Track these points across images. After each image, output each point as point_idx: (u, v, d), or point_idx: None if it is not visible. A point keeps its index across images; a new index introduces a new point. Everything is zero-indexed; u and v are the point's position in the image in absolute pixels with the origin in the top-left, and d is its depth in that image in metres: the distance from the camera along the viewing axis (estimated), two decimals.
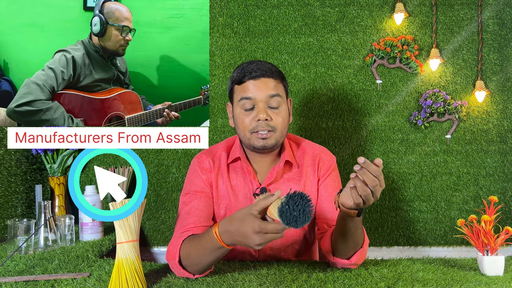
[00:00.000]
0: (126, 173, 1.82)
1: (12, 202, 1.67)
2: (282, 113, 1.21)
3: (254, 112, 1.19)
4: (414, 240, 1.92)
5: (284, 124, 1.21)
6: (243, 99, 1.20)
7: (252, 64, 1.21)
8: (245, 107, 1.20)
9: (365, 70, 1.92)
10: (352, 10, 1.92)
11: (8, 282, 1.05)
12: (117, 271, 0.97)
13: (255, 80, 1.19)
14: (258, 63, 1.22)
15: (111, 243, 1.50)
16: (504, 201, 1.92)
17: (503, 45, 1.92)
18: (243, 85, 1.20)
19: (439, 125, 1.92)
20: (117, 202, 0.97)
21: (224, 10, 1.91)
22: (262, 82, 1.19)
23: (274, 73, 1.21)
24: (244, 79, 1.20)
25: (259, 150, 1.23)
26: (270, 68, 1.21)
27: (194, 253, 1.05)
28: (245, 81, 1.20)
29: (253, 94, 1.18)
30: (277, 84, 1.21)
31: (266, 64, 1.22)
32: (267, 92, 1.18)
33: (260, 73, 1.19)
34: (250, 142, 1.22)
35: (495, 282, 1.03)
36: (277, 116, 1.20)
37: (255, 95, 1.18)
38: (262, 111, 1.18)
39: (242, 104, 1.20)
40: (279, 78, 1.22)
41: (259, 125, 1.18)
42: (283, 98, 1.22)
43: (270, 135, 1.19)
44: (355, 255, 1.10)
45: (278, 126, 1.20)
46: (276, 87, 1.20)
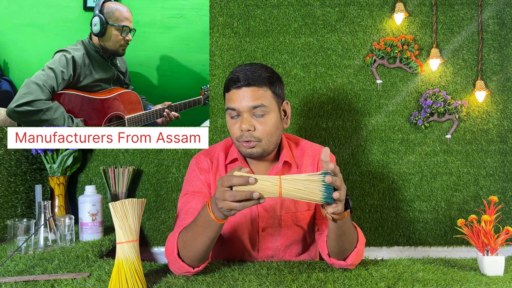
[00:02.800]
0: (126, 173, 1.82)
1: (12, 202, 1.67)
2: (267, 122, 1.18)
3: (239, 120, 1.19)
4: (414, 240, 1.92)
5: (270, 133, 1.19)
6: (229, 109, 1.20)
7: (241, 72, 1.18)
8: (231, 115, 1.20)
9: (365, 70, 1.92)
10: (352, 10, 1.92)
11: (8, 282, 1.05)
12: (117, 271, 0.97)
13: (238, 89, 1.17)
14: (247, 69, 1.19)
15: (111, 243, 1.50)
16: (504, 201, 1.92)
17: (503, 45, 1.92)
18: (229, 93, 1.20)
19: (439, 125, 1.92)
20: (117, 202, 0.97)
21: (224, 10, 1.91)
22: (245, 92, 1.16)
23: (261, 80, 1.17)
24: (230, 88, 1.19)
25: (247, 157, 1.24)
26: (258, 75, 1.17)
27: (189, 236, 1.05)
28: (230, 89, 1.19)
29: (236, 105, 1.17)
30: (263, 93, 1.17)
31: (255, 71, 1.18)
32: (250, 103, 1.16)
33: (243, 83, 1.16)
34: (238, 149, 1.23)
35: (495, 282, 1.03)
36: (262, 125, 1.17)
37: (238, 106, 1.17)
38: (245, 122, 1.17)
39: (229, 113, 1.21)
40: (266, 85, 1.18)
41: (243, 135, 1.18)
42: (269, 107, 1.18)
43: (255, 145, 1.19)
44: (350, 256, 1.11)
45: (263, 136, 1.18)
46: (261, 96, 1.17)
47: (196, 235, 1.04)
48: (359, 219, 1.91)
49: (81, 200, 1.52)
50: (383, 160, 1.92)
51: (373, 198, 1.92)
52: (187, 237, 1.06)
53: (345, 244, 1.09)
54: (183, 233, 1.09)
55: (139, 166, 1.91)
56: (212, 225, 1.01)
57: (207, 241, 1.04)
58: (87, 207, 1.51)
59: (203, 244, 1.04)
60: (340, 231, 1.05)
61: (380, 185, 1.92)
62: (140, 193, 1.91)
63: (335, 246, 1.09)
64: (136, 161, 1.91)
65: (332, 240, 1.09)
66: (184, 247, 1.07)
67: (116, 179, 1.82)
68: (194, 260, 1.07)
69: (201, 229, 1.03)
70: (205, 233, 1.03)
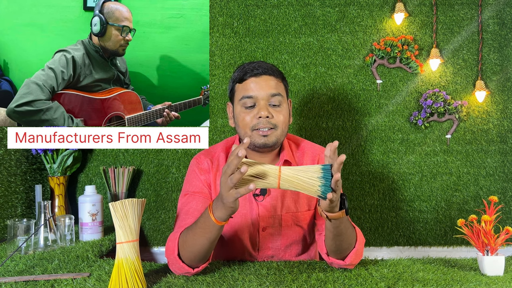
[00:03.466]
0: (126, 173, 1.82)
1: (12, 202, 1.67)
2: (283, 111, 1.21)
3: (255, 109, 1.19)
4: (414, 240, 1.92)
5: (285, 123, 1.22)
6: (245, 97, 1.20)
7: (253, 63, 1.23)
8: (246, 105, 1.20)
9: (365, 70, 1.92)
10: (352, 10, 1.92)
11: (8, 282, 1.05)
12: (117, 271, 0.97)
13: (257, 77, 1.20)
14: (259, 62, 1.24)
15: (111, 243, 1.50)
16: (504, 201, 1.92)
17: (503, 45, 1.92)
18: (244, 83, 1.21)
19: (439, 125, 1.92)
20: (117, 202, 0.97)
21: (224, 10, 1.91)
22: (263, 79, 1.20)
23: (275, 72, 1.23)
24: (246, 77, 1.20)
25: (259, 148, 1.23)
26: (271, 67, 1.23)
27: (189, 237, 1.06)
28: (246, 78, 1.20)
29: (254, 92, 1.19)
30: (278, 83, 1.22)
31: (267, 64, 1.23)
32: (269, 91, 1.19)
33: (262, 70, 1.20)
34: (252, 139, 1.22)
35: (495, 282, 1.03)
36: (279, 114, 1.20)
37: (257, 93, 1.19)
38: (263, 109, 1.18)
39: (243, 103, 1.20)
40: (280, 78, 1.24)
41: (260, 122, 1.19)
42: (284, 98, 1.22)
43: (271, 133, 1.20)
44: (349, 256, 1.11)
45: (279, 123, 1.20)
46: (277, 86, 1.21)
47: (196, 236, 1.04)
48: (359, 219, 1.91)
49: (81, 200, 1.52)
50: (383, 160, 1.92)
51: (373, 198, 1.92)
52: (187, 238, 1.06)
53: (343, 244, 1.09)
54: (184, 233, 1.09)
55: (139, 166, 1.91)
56: (211, 226, 1.01)
57: (206, 243, 1.04)
58: (87, 207, 1.51)
59: (202, 246, 1.04)
60: (337, 231, 1.05)
61: (380, 185, 1.92)
62: (140, 193, 1.91)
63: (333, 245, 1.09)
64: (136, 161, 1.91)
65: (329, 239, 1.09)
66: (184, 248, 1.07)
67: (116, 179, 1.82)
68: (193, 261, 1.07)
69: (200, 231, 1.03)
70: (204, 235, 1.03)
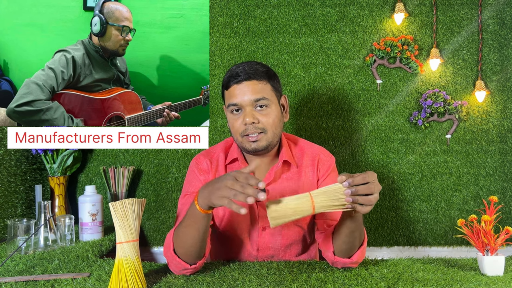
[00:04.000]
0: (126, 173, 1.82)
1: (12, 202, 1.67)
2: (271, 114, 1.20)
3: (241, 116, 1.20)
4: (414, 240, 1.92)
5: (274, 124, 1.20)
6: (230, 105, 1.21)
7: (238, 68, 1.21)
8: (233, 111, 1.21)
9: (365, 70, 1.92)
10: (352, 10, 1.92)
11: (8, 282, 1.05)
12: (117, 271, 0.97)
13: (239, 84, 1.19)
14: (245, 65, 1.21)
15: (111, 243, 1.50)
16: (504, 201, 1.92)
17: (503, 45, 1.92)
18: (229, 90, 1.21)
19: (439, 125, 1.92)
20: (117, 202, 0.97)
21: (224, 10, 1.91)
22: (245, 85, 1.18)
23: (259, 74, 1.20)
24: (230, 84, 1.21)
25: (252, 153, 1.23)
26: (256, 69, 1.20)
27: (181, 229, 1.07)
28: (230, 86, 1.20)
29: (238, 99, 1.19)
30: (264, 86, 1.20)
31: (252, 66, 1.20)
32: (252, 96, 1.18)
33: (243, 77, 1.18)
34: (242, 145, 1.23)
35: (495, 282, 1.03)
36: (266, 117, 1.19)
37: (240, 100, 1.18)
38: (248, 115, 1.18)
39: (231, 110, 1.22)
40: (265, 79, 1.20)
41: (248, 129, 1.19)
42: (270, 99, 1.20)
43: (260, 137, 1.19)
44: (356, 254, 1.11)
45: (268, 126, 1.19)
46: (262, 89, 1.19)
47: (187, 228, 1.06)
48: None
49: (81, 200, 1.52)
50: (383, 160, 1.92)
51: None
52: (179, 231, 1.08)
53: (355, 240, 1.09)
54: (177, 228, 1.10)
55: (139, 166, 1.91)
56: (197, 215, 1.02)
57: (196, 234, 1.05)
58: (87, 207, 1.51)
59: (193, 238, 1.05)
60: (355, 226, 1.05)
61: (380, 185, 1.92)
62: (140, 193, 1.91)
63: (346, 243, 1.09)
64: (136, 161, 1.91)
65: (344, 236, 1.08)
66: (177, 242, 1.08)
67: (116, 179, 1.82)
68: (188, 255, 1.07)
69: (189, 221, 1.05)
70: (193, 225, 1.04)
